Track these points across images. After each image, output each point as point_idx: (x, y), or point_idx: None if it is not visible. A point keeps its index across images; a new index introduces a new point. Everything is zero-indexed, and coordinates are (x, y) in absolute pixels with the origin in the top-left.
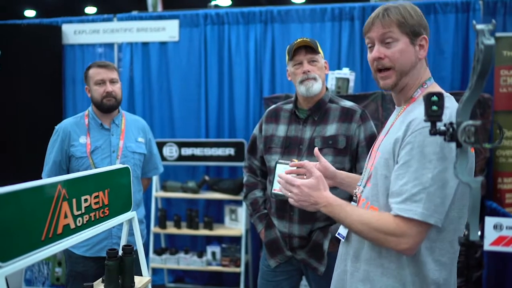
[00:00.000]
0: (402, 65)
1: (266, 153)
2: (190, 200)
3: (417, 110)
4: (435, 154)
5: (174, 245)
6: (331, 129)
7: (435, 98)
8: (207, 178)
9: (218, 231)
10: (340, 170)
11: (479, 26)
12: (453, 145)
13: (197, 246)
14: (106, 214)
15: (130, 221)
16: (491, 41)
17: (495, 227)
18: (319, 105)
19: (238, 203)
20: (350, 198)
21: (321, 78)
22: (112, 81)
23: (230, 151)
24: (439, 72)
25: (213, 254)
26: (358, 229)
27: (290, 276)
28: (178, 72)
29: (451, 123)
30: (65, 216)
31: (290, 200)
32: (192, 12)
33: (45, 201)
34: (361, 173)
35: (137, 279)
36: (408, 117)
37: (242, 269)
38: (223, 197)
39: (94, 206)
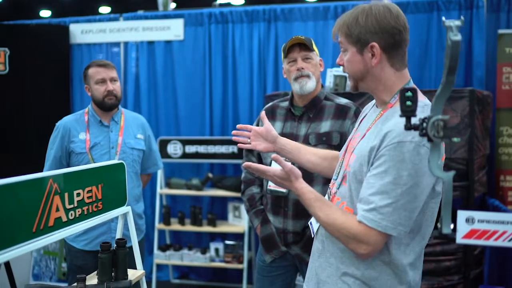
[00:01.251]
0: (352, 73)
1: None
2: (194, 197)
3: (393, 120)
4: (407, 170)
5: (178, 241)
6: (325, 126)
7: (409, 93)
8: (210, 175)
9: (222, 228)
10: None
11: (447, 22)
12: (425, 158)
13: (201, 242)
14: (99, 208)
15: (125, 216)
16: (458, 37)
17: (467, 220)
18: (314, 102)
19: (242, 200)
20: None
21: (315, 75)
22: (113, 80)
23: (234, 148)
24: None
25: (216, 250)
26: (324, 225)
27: (286, 271)
28: (183, 71)
29: (424, 118)
30: (57, 210)
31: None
32: (197, 11)
33: (36, 194)
34: None
35: (130, 272)
36: (385, 126)
37: (245, 265)
38: (226, 194)
39: (87, 200)
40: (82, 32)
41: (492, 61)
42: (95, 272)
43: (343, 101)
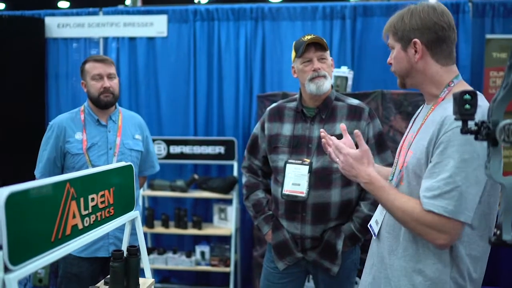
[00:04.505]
0: (397, 70)
1: (271, 152)
2: (177, 199)
3: (447, 110)
4: (469, 153)
5: (161, 244)
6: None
7: (467, 96)
8: (196, 176)
9: (207, 231)
10: None
11: None
12: (485, 143)
13: (184, 245)
14: (111, 214)
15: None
16: None
17: None
18: (327, 103)
19: (228, 202)
20: None
21: (330, 76)
22: (110, 76)
23: (220, 149)
24: None
25: (202, 253)
26: (398, 216)
27: (297, 277)
28: (166, 69)
29: (483, 122)
30: (73, 216)
31: (339, 166)
32: (181, 8)
33: (54, 200)
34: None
35: (141, 280)
36: (439, 117)
37: (231, 268)
38: (212, 196)
39: (100, 206)
40: (58, 26)
41: (478, 65)
42: (103, 281)
43: (354, 101)
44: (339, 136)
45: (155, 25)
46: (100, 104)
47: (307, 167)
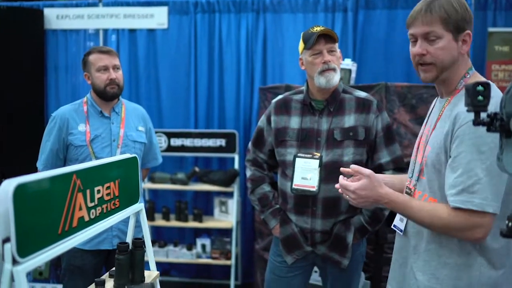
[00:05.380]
0: (443, 61)
1: (278, 146)
2: (178, 192)
3: (462, 103)
4: (487, 145)
5: (162, 237)
6: (349, 120)
7: (480, 88)
8: (197, 169)
9: (208, 223)
10: (359, 161)
11: None
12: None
13: (185, 238)
14: (116, 206)
15: (137, 213)
16: None
17: None
18: (335, 95)
19: (228, 194)
20: None
21: (339, 68)
22: (115, 68)
23: (221, 142)
24: None
25: (203, 246)
26: (427, 224)
27: (304, 271)
28: (166, 61)
29: (496, 113)
30: (80, 208)
31: (352, 203)
32: None
33: (61, 192)
34: (379, 164)
35: (146, 273)
36: (454, 110)
37: (232, 261)
38: (213, 188)
39: (106, 198)
40: (57, 17)
41: (480, 58)
42: (107, 274)
43: (362, 94)
44: (348, 129)
45: (156, 17)
46: (106, 96)
47: (318, 161)
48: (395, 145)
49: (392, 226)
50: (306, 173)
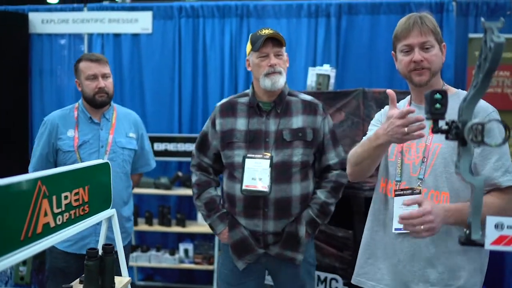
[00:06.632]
0: (436, 67)
1: (225, 148)
2: (161, 197)
3: (455, 103)
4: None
5: (144, 242)
6: (297, 122)
7: (438, 96)
8: (180, 174)
9: (191, 228)
10: (306, 162)
11: (488, 24)
12: None
13: (167, 243)
14: (86, 212)
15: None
16: (501, 39)
17: (496, 226)
18: (281, 97)
19: None
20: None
21: (285, 71)
22: (105, 76)
23: None
24: None
25: (186, 251)
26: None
27: (257, 276)
28: (151, 65)
29: (453, 122)
30: (45, 214)
31: (425, 234)
32: (166, 4)
33: (24, 198)
34: (327, 165)
35: (117, 279)
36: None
37: (215, 266)
38: None
39: (74, 204)
40: (42, 21)
41: (461, 63)
42: (77, 280)
43: (307, 97)
44: (297, 130)
45: (140, 22)
46: (95, 103)
47: (269, 161)
48: (340, 147)
49: (393, 231)
50: (256, 174)
